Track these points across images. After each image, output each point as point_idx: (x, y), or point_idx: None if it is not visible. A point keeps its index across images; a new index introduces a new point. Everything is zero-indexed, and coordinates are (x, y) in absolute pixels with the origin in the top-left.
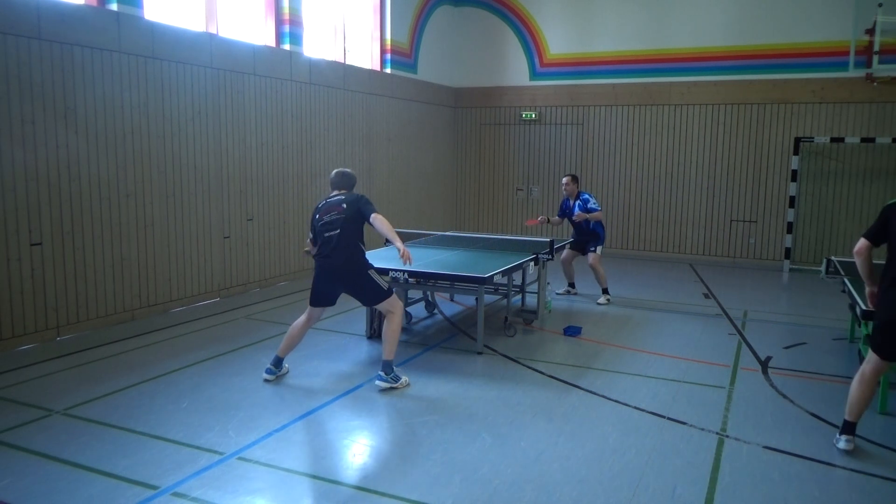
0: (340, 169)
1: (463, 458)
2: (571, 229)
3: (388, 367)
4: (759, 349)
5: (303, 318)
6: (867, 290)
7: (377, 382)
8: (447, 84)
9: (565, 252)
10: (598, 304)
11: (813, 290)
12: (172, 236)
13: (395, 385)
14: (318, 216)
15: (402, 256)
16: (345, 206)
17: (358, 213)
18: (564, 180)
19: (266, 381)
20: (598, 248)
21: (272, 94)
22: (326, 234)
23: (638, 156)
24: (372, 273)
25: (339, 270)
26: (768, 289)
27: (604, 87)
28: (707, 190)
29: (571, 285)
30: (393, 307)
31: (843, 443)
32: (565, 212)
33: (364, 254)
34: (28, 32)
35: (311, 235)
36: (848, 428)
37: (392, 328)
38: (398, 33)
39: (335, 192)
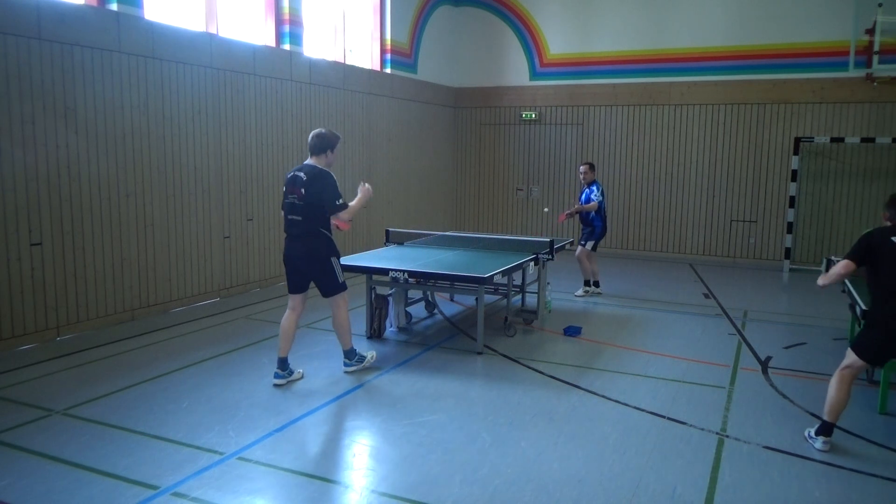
0: (319, 130)
1: (463, 458)
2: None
3: (349, 353)
4: (759, 349)
5: (287, 311)
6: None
7: (344, 370)
8: (447, 84)
9: (578, 249)
10: (576, 295)
11: (813, 291)
12: (172, 236)
13: (363, 364)
14: (284, 189)
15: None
16: (303, 190)
17: (318, 201)
18: (582, 168)
19: (276, 385)
20: (589, 244)
21: (272, 94)
22: (289, 217)
23: (638, 156)
24: (334, 262)
25: (302, 258)
26: (768, 289)
27: (604, 87)
28: (707, 190)
29: (595, 284)
30: (339, 302)
31: (819, 443)
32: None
33: (328, 240)
34: (28, 32)
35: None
36: (827, 429)
37: (339, 321)
38: (398, 33)
39: (306, 161)
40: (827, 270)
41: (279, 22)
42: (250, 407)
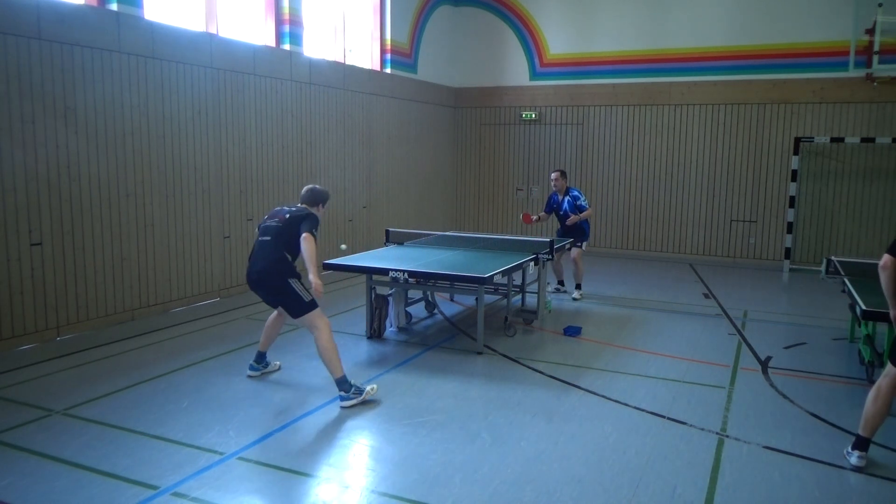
0: (312, 185)
1: (463, 458)
2: (557, 225)
3: (343, 384)
4: (759, 349)
5: (274, 312)
6: (892, 312)
7: (340, 404)
8: (447, 84)
9: (575, 252)
10: (574, 299)
11: (813, 290)
12: (172, 236)
13: (361, 398)
14: (265, 217)
15: (314, 288)
16: (287, 216)
17: (295, 227)
18: (553, 175)
19: (249, 377)
20: (584, 245)
21: (272, 94)
22: (260, 238)
23: (638, 156)
24: (294, 283)
25: (258, 278)
26: (768, 289)
27: (604, 87)
28: (707, 190)
29: (561, 283)
30: (316, 323)
31: (855, 458)
32: (552, 207)
33: (288, 263)
34: (28, 32)
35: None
36: (862, 444)
37: (322, 345)
38: (398, 33)
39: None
40: (827, 271)
41: (279, 22)
42: (250, 407)
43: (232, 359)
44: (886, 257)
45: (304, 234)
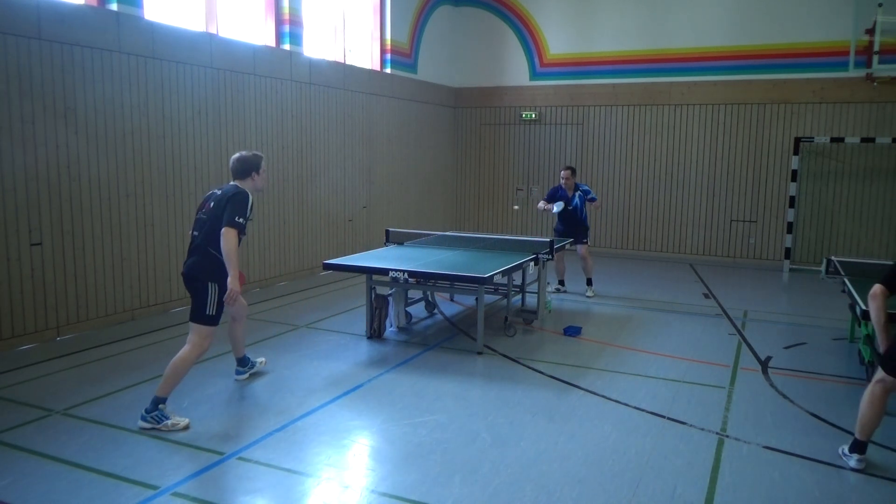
0: (240, 154)
1: (463, 458)
2: (555, 220)
3: (157, 402)
4: (759, 349)
5: (229, 319)
6: (881, 347)
7: (139, 422)
8: (447, 84)
9: (582, 249)
10: (587, 297)
11: (813, 290)
12: (172, 236)
13: (156, 426)
14: (198, 207)
15: (227, 296)
16: (212, 204)
17: (219, 219)
18: (564, 174)
19: (237, 381)
20: (588, 240)
21: (272, 94)
22: (192, 233)
23: (638, 156)
24: (212, 287)
25: (184, 280)
26: (768, 289)
27: (604, 87)
28: (707, 190)
29: (561, 283)
30: (198, 338)
31: (854, 461)
32: (555, 198)
33: (216, 262)
34: (28, 32)
35: None
36: (860, 447)
37: (181, 360)
38: (398, 33)
39: (229, 183)
40: (827, 271)
41: (279, 22)
42: (250, 407)
43: (232, 359)
44: (877, 287)
45: (223, 228)
